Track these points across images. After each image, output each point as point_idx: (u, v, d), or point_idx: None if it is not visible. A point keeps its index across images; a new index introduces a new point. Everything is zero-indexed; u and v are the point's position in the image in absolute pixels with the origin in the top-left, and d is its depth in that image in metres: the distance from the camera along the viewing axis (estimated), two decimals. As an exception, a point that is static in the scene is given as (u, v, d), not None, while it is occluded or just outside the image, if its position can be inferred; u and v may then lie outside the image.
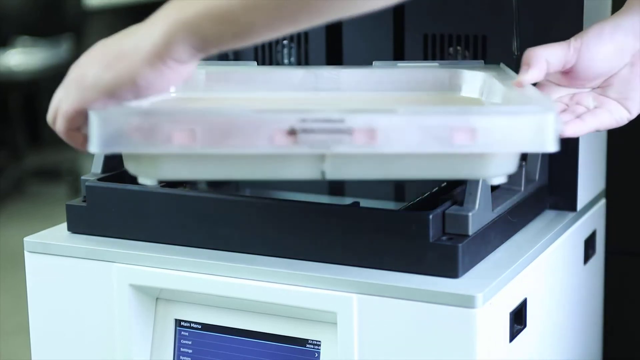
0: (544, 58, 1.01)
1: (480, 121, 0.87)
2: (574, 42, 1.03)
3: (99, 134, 0.88)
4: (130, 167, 0.95)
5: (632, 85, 1.03)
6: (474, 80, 1.13)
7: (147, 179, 0.94)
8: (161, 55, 0.86)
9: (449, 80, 1.15)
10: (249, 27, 0.84)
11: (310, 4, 0.82)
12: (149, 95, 0.89)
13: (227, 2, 0.83)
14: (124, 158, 0.96)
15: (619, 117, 1.03)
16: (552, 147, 0.88)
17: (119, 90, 0.89)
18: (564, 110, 1.03)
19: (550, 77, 1.05)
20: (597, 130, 1.03)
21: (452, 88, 1.14)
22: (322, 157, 0.90)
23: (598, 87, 1.05)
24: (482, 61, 1.19)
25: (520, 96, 0.97)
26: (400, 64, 1.18)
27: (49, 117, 0.96)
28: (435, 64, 1.18)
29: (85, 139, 0.92)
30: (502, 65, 1.16)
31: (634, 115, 1.04)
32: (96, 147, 0.88)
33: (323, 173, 0.91)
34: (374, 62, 1.19)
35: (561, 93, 1.06)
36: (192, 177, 0.92)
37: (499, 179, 0.93)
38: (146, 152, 0.89)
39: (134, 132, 0.87)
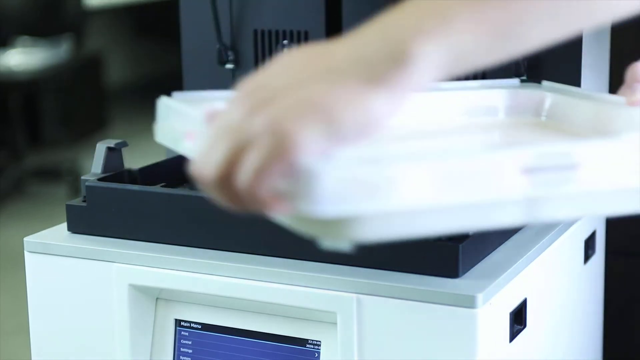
0: None
1: None
2: None
3: (316, 191, 0.67)
4: (311, 229, 0.72)
5: None
6: (532, 101, 1.06)
7: (342, 243, 0.72)
8: (404, 77, 0.66)
9: (506, 103, 1.07)
10: (524, 37, 0.69)
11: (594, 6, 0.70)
12: (369, 136, 0.68)
13: (504, 8, 0.67)
14: (294, 221, 0.73)
15: None
16: None
17: (343, 130, 0.66)
18: None
19: None
20: None
21: (509, 111, 1.07)
22: (534, 198, 0.76)
23: None
24: (519, 80, 1.13)
25: None
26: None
27: (218, 171, 0.68)
28: (474, 84, 1.10)
29: (277, 196, 0.68)
30: (546, 83, 1.09)
31: None
32: (311, 206, 0.67)
33: (534, 217, 0.76)
34: None
35: None
36: (401, 236, 0.73)
37: None
38: (372, 210, 0.70)
39: (360, 186, 0.68)
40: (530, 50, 0.71)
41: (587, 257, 1.26)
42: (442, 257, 0.99)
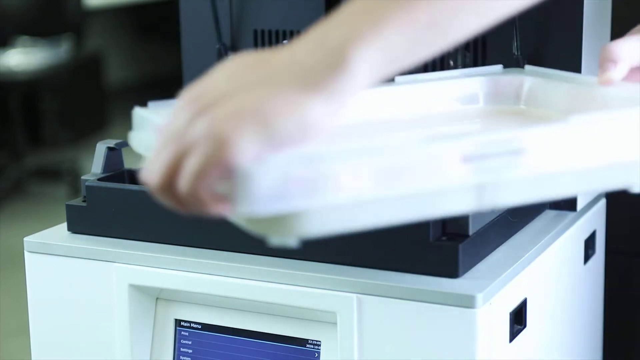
0: (628, 52, 0.93)
1: None
2: None
3: (253, 192, 0.70)
4: (258, 227, 0.76)
5: None
6: (512, 87, 1.05)
7: (289, 239, 0.75)
8: (341, 83, 0.69)
9: (486, 91, 1.06)
10: (450, 32, 0.72)
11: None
12: (309, 141, 0.70)
13: (430, 6, 0.70)
14: (241, 221, 0.77)
15: None
16: None
17: (280, 135, 0.69)
18: None
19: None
20: None
21: (491, 99, 1.06)
22: (482, 185, 0.77)
23: None
24: (501, 66, 1.11)
25: (622, 95, 0.90)
26: (420, 76, 1.06)
27: (162, 176, 0.71)
28: (456, 73, 1.09)
29: (217, 198, 0.71)
30: (528, 67, 1.09)
31: None
32: (249, 207, 0.70)
33: (485, 203, 0.78)
34: (396, 78, 1.04)
35: None
36: (347, 229, 0.76)
37: None
38: (311, 206, 0.72)
39: (297, 184, 0.70)
40: (456, 42, 0.73)
41: (587, 257, 1.26)
42: (442, 257, 0.99)
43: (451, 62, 1.27)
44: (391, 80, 1.03)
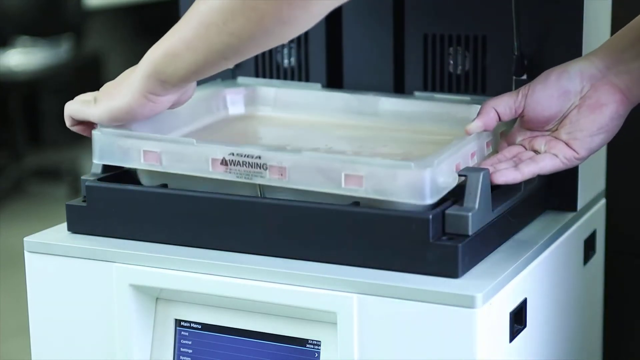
0: (492, 108, 1.10)
1: (366, 170, 0.99)
2: (522, 90, 1.10)
3: (96, 148, 1.13)
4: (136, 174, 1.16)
5: (578, 126, 1.09)
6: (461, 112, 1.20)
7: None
8: (142, 91, 1.07)
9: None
10: (194, 64, 1.02)
11: (236, 46, 0.98)
12: (142, 119, 1.11)
13: (174, 45, 1.02)
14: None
15: (565, 158, 1.09)
16: (429, 199, 0.98)
17: (118, 116, 1.10)
18: (514, 156, 1.10)
19: (522, 122, 1.12)
20: (541, 174, 1.09)
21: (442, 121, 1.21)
22: (248, 181, 1.06)
23: (555, 130, 1.11)
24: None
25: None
26: (437, 95, 1.26)
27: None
28: (467, 98, 1.24)
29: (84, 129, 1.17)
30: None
31: (582, 156, 1.09)
32: (96, 159, 1.14)
33: (262, 194, 1.08)
34: (415, 93, 1.28)
35: (524, 136, 1.13)
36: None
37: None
38: (125, 165, 1.13)
39: (118, 150, 1.11)
40: (213, 72, 1.04)
41: (587, 257, 1.26)
42: (442, 257, 0.99)
43: (451, 62, 1.27)
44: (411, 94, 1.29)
